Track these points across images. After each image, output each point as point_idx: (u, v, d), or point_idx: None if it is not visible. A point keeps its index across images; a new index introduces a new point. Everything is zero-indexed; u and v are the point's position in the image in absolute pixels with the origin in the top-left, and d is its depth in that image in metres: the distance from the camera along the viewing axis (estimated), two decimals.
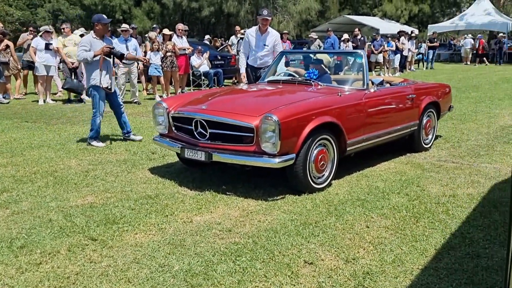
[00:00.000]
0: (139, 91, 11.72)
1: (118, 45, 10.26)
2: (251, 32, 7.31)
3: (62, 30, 11.25)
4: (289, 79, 5.66)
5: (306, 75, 5.58)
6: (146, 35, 14.28)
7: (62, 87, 11.93)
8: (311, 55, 6.53)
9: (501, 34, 25.26)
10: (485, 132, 7.40)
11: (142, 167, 5.53)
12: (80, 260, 3.24)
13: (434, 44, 22.86)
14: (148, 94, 12.65)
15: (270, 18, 7.19)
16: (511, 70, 20.96)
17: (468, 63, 25.15)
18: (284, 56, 6.32)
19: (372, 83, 5.31)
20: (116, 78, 7.05)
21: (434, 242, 3.51)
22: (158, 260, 3.24)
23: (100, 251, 3.38)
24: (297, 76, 5.74)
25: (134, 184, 4.89)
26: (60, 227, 3.77)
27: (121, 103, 6.90)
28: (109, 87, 6.50)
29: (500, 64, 24.51)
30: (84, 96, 11.52)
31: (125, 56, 6.84)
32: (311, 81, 5.37)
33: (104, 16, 6.73)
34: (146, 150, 6.36)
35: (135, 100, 11.06)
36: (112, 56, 6.49)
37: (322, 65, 5.74)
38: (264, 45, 7.19)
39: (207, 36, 20.02)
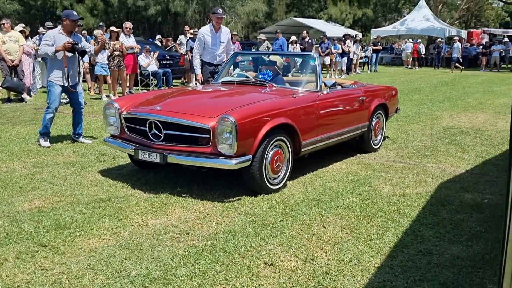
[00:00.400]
0: (84, 90, 11.32)
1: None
2: (206, 32, 7.33)
3: (2, 25, 10.69)
4: (243, 80, 5.65)
5: (260, 76, 5.59)
6: (84, 32, 13.74)
7: (1, 86, 11.32)
8: (264, 57, 6.57)
9: (439, 39, 26.43)
10: (428, 133, 7.71)
11: (91, 170, 5.35)
12: (30, 267, 3.09)
13: (378, 47, 23.60)
14: (95, 93, 12.26)
15: (224, 16, 7.34)
16: (449, 73, 21.99)
17: (409, 66, 26.14)
18: (237, 56, 6.31)
19: (325, 85, 5.40)
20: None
21: (388, 240, 3.62)
22: (114, 265, 3.14)
23: (52, 257, 3.23)
24: (251, 77, 5.74)
25: (84, 187, 4.72)
26: (7, 234, 3.57)
27: (82, 102, 6.69)
28: (71, 85, 6.33)
29: (439, 68, 25.64)
30: (25, 96, 11.02)
31: (91, 51, 6.63)
32: (265, 83, 5.39)
33: (75, 12, 6.50)
34: (95, 151, 6.16)
35: None
36: (75, 52, 6.28)
37: (276, 67, 5.78)
38: (221, 42, 7.37)
39: (158, 36, 19.72)
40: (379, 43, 24.22)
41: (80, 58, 6.61)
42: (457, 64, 23.30)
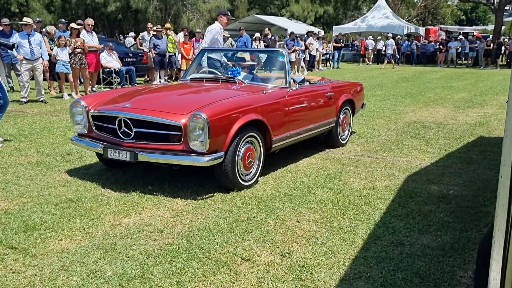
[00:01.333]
0: (44, 89, 11.00)
1: (19, 40, 9.60)
2: (220, 31, 7.58)
3: None
4: (213, 77, 5.62)
5: (229, 73, 5.58)
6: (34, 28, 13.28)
7: None
8: (230, 54, 6.56)
9: (398, 36, 27.06)
10: (393, 128, 7.89)
11: (58, 170, 5.21)
12: (0, 271, 2.99)
13: (339, 44, 23.94)
14: (55, 92, 11.91)
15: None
16: (409, 69, 22.55)
17: (370, 63, 26.68)
18: (206, 53, 6.27)
19: (294, 81, 5.44)
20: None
21: (361, 232, 3.69)
22: (88, 266, 3.08)
23: (23, 260, 3.14)
24: (220, 74, 5.72)
25: (52, 188, 4.59)
26: None
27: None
28: None
29: (398, 64, 26.23)
30: None
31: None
32: (235, 79, 5.39)
33: None
34: (60, 151, 6.00)
35: (41, 99, 10.37)
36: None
37: (246, 63, 5.78)
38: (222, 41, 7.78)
39: (131, 33, 19.31)
40: (341, 40, 24.57)
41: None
42: (391, 60, 23.91)
